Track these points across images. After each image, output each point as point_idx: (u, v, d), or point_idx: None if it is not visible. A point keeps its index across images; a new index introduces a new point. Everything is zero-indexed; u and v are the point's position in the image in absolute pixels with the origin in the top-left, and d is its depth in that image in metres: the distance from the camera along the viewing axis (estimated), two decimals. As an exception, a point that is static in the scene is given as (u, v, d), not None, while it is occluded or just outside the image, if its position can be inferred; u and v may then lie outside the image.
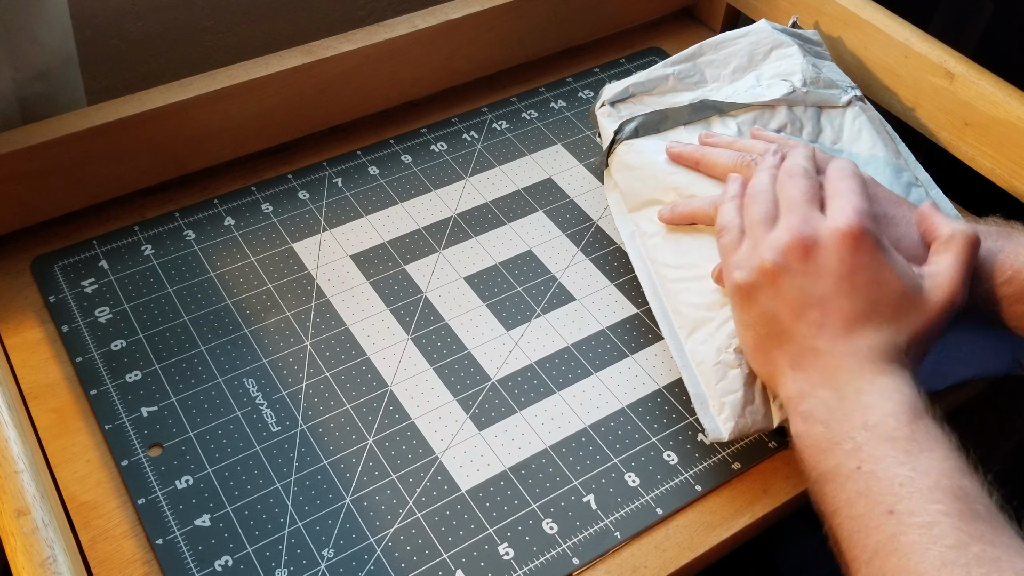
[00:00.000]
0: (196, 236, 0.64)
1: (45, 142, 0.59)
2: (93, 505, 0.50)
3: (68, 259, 0.62)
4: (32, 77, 0.64)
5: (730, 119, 0.64)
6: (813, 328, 0.47)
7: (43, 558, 0.41)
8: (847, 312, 0.46)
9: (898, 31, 0.68)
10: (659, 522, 0.51)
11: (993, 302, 0.51)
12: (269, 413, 0.54)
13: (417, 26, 0.70)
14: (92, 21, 0.73)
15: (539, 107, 0.75)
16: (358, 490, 0.51)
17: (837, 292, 0.47)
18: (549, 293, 0.62)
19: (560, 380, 0.57)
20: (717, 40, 0.68)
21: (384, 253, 0.64)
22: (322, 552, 0.49)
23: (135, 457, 0.52)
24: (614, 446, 0.54)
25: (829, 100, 0.65)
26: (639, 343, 0.59)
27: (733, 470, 0.53)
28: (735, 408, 0.51)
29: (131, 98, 0.62)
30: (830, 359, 0.46)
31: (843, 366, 0.46)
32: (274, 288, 0.61)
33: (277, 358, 0.57)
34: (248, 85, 0.65)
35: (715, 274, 0.54)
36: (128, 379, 0.55)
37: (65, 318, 0.58)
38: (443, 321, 0.60)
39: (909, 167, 0.63)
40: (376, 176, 0.69)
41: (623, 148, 0.63)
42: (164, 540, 0.49)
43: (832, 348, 0.46)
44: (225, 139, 0.67)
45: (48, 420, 0.54)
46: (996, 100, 0.63)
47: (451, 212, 0.67)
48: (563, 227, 0.66)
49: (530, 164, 0.71)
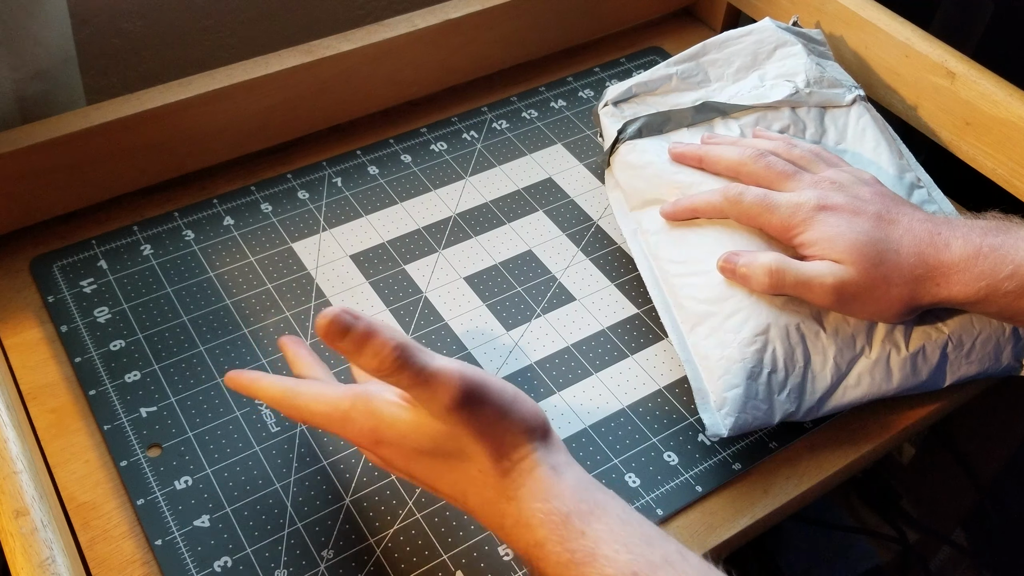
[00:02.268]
0: (195, 236, 0.64)
1: (44, 142, 0.59)
2: (92, 506, 0.50)
3: (67, 259, 0.62)
4: (31, 77, 0.64)
5: (733, 121, 0.64)
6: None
7: (42, 559, 0.41)
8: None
9: (899, 31, 0.68)
10: (659, 523, 0.51)
11: (995, 297, 0.51)
12: (268, 414, 0.54)
13: (417, 25, 0.70)
14: (91, 20, 0.73)
15: (539, 107, 0.75)
16: (358, 490, 0.51)
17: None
18: (549, 293, 0.62)
19: (560, 380, 0.57)
20: (721, 39, 0.68)
21: (384, 253, 0.64)
22: (322, 553, 0.49)
23: (134, 457, 0.52)
24: (614, 447, 0.54)
25: (833, 100, 0.65)
26: (639, 343, 0.59)
27: (734, 471, 0.53)
28: (736, 403, 0.51)
29: (130, 98, 0.62)
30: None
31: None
32: (274, 288, 0.61)
33: (277, 358, 0.57)
34: (248, 85, 0.65)
35: (720, 266, 0.55)
36: (127, 379, 0.55)
37: (64, 318, 0.58)
38: (443, 321, 0.60)
39: (912, 168, 0.63)
40: (376, 176, 0.69)
41: (625, 148, 0.63)
42: (163, 541, 0.49)
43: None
44: (224, 139, 0.67)
45: (47, 420, 0.53)
46: (997, 100, 0.63)
47: (451, 212, 0.67)
48: (563, 227, 0.66)
49: (530, 164, 0.70)
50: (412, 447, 0.43)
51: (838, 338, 0.54)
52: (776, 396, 0.52)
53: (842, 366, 0.53)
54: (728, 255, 0.55)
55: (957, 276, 0.51)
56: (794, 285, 0.52)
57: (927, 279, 0.52)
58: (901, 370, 0.54)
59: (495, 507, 0.42)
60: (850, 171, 0.57)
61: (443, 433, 0.42)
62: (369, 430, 0.43)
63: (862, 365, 0.54)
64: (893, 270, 0.52)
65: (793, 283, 0.52)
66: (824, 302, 0.53)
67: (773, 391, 0.52)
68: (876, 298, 0.52)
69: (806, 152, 0.59)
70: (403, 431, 0.42)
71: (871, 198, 0.54)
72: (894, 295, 0.52)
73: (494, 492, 0.42)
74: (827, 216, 0.53)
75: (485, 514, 0.42)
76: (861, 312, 0.53)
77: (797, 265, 0.53)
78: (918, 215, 0.54)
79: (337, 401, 0.44)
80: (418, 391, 0.40)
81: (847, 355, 0.54)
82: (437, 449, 0.42)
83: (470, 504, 0.43)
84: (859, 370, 0.54)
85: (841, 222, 0.53)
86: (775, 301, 0.54)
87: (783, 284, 0.53)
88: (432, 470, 0.43)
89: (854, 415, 0.56)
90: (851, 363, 0.54)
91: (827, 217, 0.53)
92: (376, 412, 0.43)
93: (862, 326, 0.54)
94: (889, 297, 0.52)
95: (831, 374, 0.53)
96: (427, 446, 0.42)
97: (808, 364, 0.53)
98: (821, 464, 0.54)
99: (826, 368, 0.53)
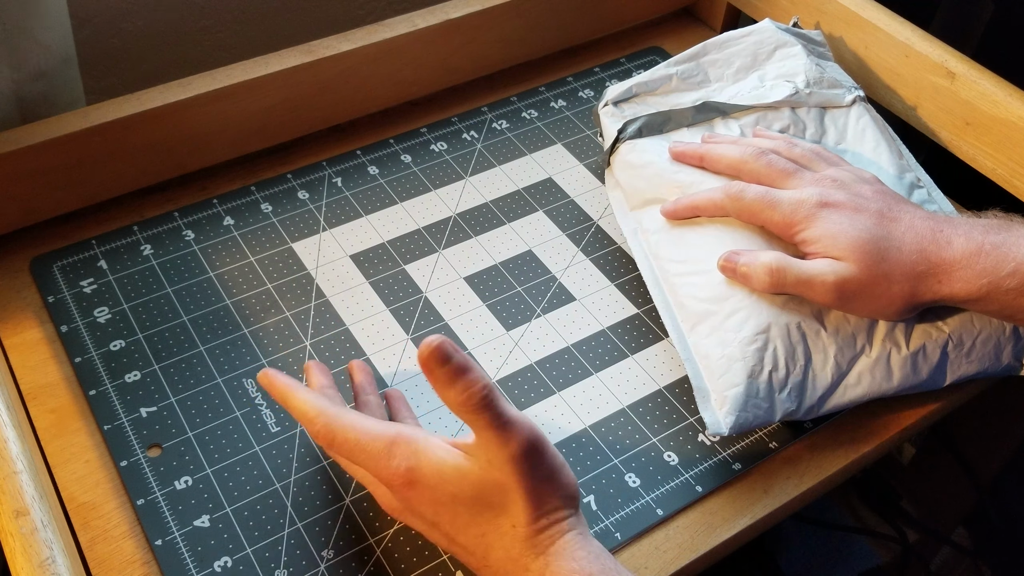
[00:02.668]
0: (195, 236, 0.64)
1: (44, 142, 0.59)
2: (92, 506, 0.50)
3: (67, 259, 0.62)
4: (31, 77, 0.64)
5: (733, 121, 0.64)
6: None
7: (42, 559, 0.41)
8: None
9: (899, 31, 0.68)
10: (659, 523, 0.51)
11: (996, 295, 0.51)
12: (268, 413, 0.54)
13: (417, 25, 0.70)
14: (91, 20, 0.73)
15: (539, 107, 0.75)
16: (358, 490, 0.51)
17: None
18: (549, 293, 0.62)
19: (560, 380, 0.57)
20: (721, 39, 0.68)
21: (384, 253, 0.64)
22: (322, 553, 0.49)
23: (134, 458, 0.52)
24: (614, 446, 0.54)
25: (833, 100, 0.65)
26: (639, 343, 0.59)
27: (734, 471, 0.53)
28: (737, 402, 0.51)
29: (130, 98, 0.62)
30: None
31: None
32: (273, 288, 0.61)
33: (277, 358, 0.57)
34: (248, 85, 0.65)
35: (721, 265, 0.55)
36: (127, 379, 0.55)
37: (64, 318, 0.58)
38: (443, 321, 0.60)
39: (912, 168, 0.63)
40: (376, 176, 0.69)
41: (626, 147, 0.63)
42: (163, 541, 0.49)
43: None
44: (224, 139, 0.67)
45: (47, 420, 0.53)
46: (997, 100, 0.63)
47: (451, 212, 0.67)
48: (563, 227, 0.66)
49: (530, 164, 0.70)
50: (450, 492, 0.43)
51: (839, 337, 0.54)
52: (777, 395, 0.52)
53: (843, 365, 0.53)
54: (729, 254, 0.55)
55: (959, 273, 0.51)
56: (795, 284, 0.52)
57: (929, 276, 0.52)
58: (901, 369, 0.54)
59: (518, 563, 0.42)
60: (851, 170, 0.57)
61: (490, 483, 0.42)
62: (406, 469, 0.43)
63: (863, 364, 0.54)
64: (895, 267, 0.52)
65: (794, 282, 0.52)
66: (825, 300, 0.53)
67: (774, 390, 0.52)
68: (878, 295, 0.52)
69: (807, 151, 0.59)
70: (446, 475, 0.43)
71: (873, 196, 0.54)
72: (895, 292, 0.52)
73: (521, 548, 0.42)
74: (829, 213, 0.53)
75: (503, 569, 0.43)
76: (862, 310, 0.53)
77: (798, 264, 0.53)
78: (919, 213, 0.54)
79: (380, 434, 0.44)
80: (490, 434, 0.41)
81: (848, 354, 0.54)
82: (477, 498, 0.42)
83: (491, 558, 0.43)
84: (860, 369, 0.54)
85: (843, 219, 0.53)
86: (776, 300, 0.54)
87: (784, 283, 0.53)
88: (460, 519, 0.43)
89: (854, 415, 0.56)
90: (852, 362, 0.54)
91: (829, 214, 0.53)
92: (420, 452, 0.43)
93: (863, 325, 0.54)
94: (891, 294, 0.52)
95: (832, 373, 0.53)
96: (467, 493, 0.42)
97: (809, 363, 0.53)
98: (821, 464, 0.54)
99: (827, 367, 0.53)
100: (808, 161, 0.58)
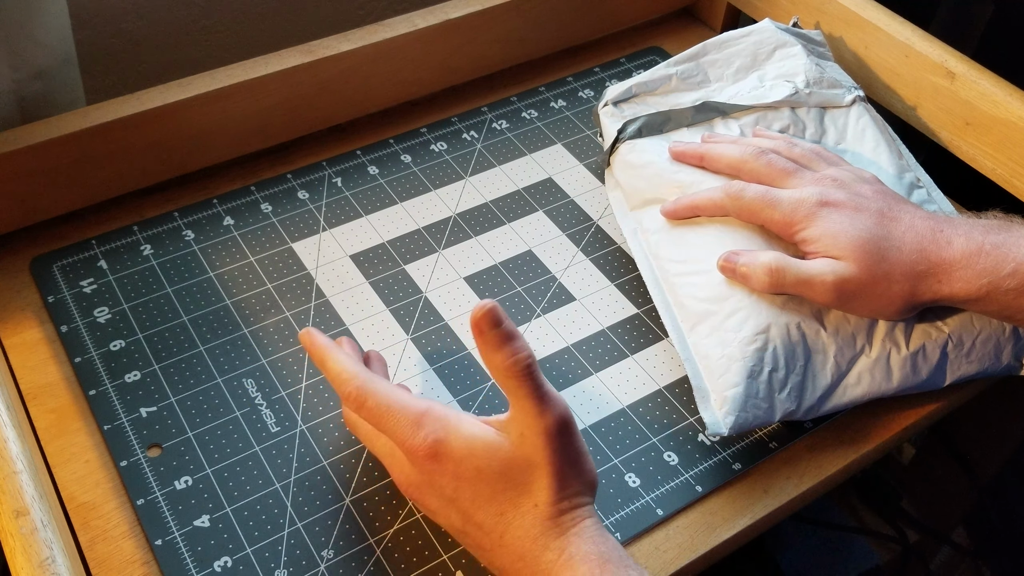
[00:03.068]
0: (195, 236, 0.64)
1: (44, 142, 0.59)
2: (92, 506, 0.50)
3: (67, 259, 0.62)
4: (31, 77, 0.64)
5: (733, 121, 0.64)
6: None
7: (42, 558, 0.41)
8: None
9: (899, 31, 0.68)
10: (659, 523, 0.51)
11: (996, 295, 0.51)
12: (268, 413, 0.54)
13: (417, 25, 0.70)
14: (91, 21, 0.73)
15: (539, 107, 0.75)
16: (358, 490, 0.51)
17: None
18: (549, 293, 0.62)
19: (560, 380, 0.57)
20: (721, 39, 0.68)
21: (384, 253, 0.64)
22: (322, 553, 0.49)
23: (134, 457, 0.52)
24: (614, 446, 0.54)
25: (833, 100, 0.65)
26: (639, 343, 0.59)
27: (734, 470, 0.53)
28: (736, 402, 0.51)
29: (130, 98, 0.62)
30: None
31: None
32: (273, 288, 0.61)
33: (277, 358, 0.57)
34: (248, 85, 0.65)
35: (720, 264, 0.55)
36: (127, 379, 0.55)
37: (64, 318, 0.58)
38: (443, 321, 0.60)
39: (911, 168, 0.63)
40: (376, 176, 0.69)
41: (626, 147, 0.63)
42: (163, 541, 0.49)
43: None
44: (224, 139, 0.67)
45: (47, 420, 0.53)
46: (997, 100, 0.63)
47: (451, 212, 0.67)
48: (563, 227, 0.66)
49: (530, 164, 0.70)
50: (475, 466, 0.43)
51: (838, 337, 0.54)
52: (777, 395, 0.52)
53: (842, 365, 0.53)
54: (728, 254, 0.55)
55: (959, 273, 0.51)
56: (794, 284, 0.52)
57: (929, 275, 0.52)
58: (901, 369, 0.54)
59: (538, 541, 0.42)
60: (851, 170, 0.57)
61: (520, 459, 0.43)
62: (434, 440, 0.43)
63: (862, 364, 0.54)
64: (895, 266, 0.52)
65: (794, 282, 0.52)
66: (825, 300, 0.53)
67: (774, 390, 0.52)
68: (877, 295, 0.52)
69: (807, 151, 0.59)
70: (475, 449, 0.43)
71: (873, 196, 0.54)
72: (895, 291, 0.52)
73: (542, 528, 0.42)
74: (829, 212, 0.53)
75: (520, 548, 0.43)
76: (862, 309, 0.53)
77: (797, 264, 0.53)
78: (920, 213, 0.54)
79: (412, 404, 0.45)
80: (529, 404, 0.42)
81: (847, 354, 0.54)
82: (502, 475, 0.43)
83: (507, 536, 0.43)
84: (859, 369, 0.54)
85: (843, 218, 0.53)
86: (775, 300, 0.54)
87: (783, 283, 0.53)
88: (481, 495, 0.43)
89: (854, 415, 0.56)
90: (851, 362, 0.54)
91: (829, 213, 0.53)
92: (450, 426, 0.44)
93: (862, 325, 0.54)
94: (890, 294, 0.52)
95: (831, 373, 0.53)
96: (494, 468, 0.43)
97: (808, 363, 0.53)
98: (821, 464, 0.54)
99: (826, 367, 0.53)
100: (808, 161, 0.58)
